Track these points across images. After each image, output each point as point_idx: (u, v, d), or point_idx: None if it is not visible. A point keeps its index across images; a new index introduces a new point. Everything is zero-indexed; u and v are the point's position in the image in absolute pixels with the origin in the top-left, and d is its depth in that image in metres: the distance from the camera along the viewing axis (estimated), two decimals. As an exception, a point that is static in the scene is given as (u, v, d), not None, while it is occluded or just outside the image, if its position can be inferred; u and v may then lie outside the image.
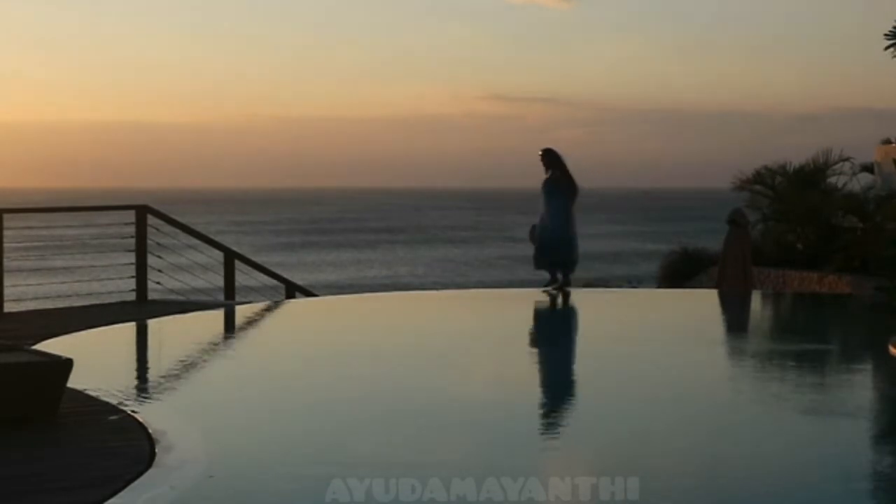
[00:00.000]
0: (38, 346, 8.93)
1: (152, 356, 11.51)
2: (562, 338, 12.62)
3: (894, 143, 20.26)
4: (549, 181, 15.43)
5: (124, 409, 7.64)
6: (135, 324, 12.52)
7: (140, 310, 13.67)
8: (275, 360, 10.49)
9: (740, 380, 9.69)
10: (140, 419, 7.31)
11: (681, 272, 21.63)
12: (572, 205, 15.49)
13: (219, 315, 13.70)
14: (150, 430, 6.98)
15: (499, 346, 11.38)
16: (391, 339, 11.92)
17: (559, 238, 15.30)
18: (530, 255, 15.79)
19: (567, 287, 15.33)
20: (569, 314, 14.59)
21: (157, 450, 6.54)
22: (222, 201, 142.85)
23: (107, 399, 7.93)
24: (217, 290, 15.67)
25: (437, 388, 8.96)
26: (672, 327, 13.01)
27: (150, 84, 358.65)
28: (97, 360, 10.07)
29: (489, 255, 65.51)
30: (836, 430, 7.57)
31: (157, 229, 15.04)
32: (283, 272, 17.72)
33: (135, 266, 14.72)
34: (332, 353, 10.84)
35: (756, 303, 16.06)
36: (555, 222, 15.31)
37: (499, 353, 10.87)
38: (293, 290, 16.43)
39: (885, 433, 7.64)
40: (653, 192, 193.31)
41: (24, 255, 15.29)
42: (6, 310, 13.50)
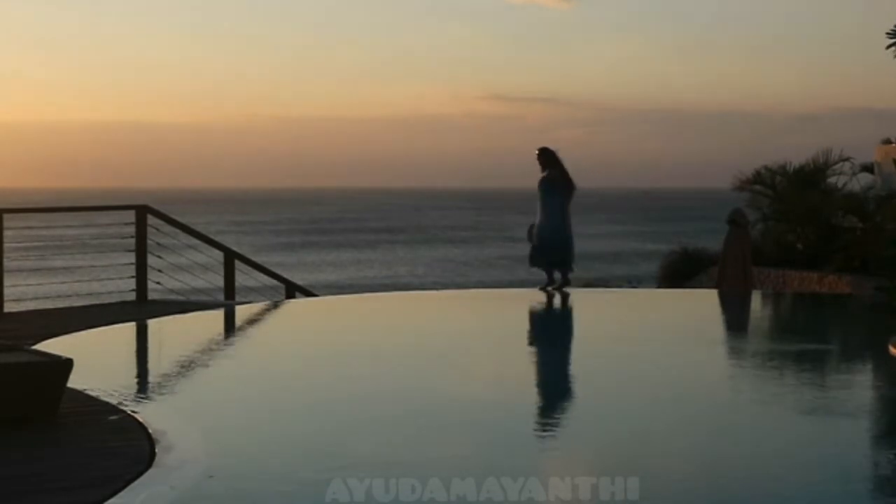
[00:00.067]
0: (38, 346, 8.93)
1: (152, 356, 11.51)
2: (562, 338, 12.61)
3: (894, 143, 20.26)
4: (545, 180, 15.44)
5: (124, 409, 7.64)
6: (135, 324, 12.53)
7: (140, 310, 13.67)
8: (275, 360, 10.49)
9: (740, 380, 9.68)
10: (140, 419, 7.31)
11: (681, 272, 21.62)
12: (569, 203, 15.50)
13: (219, 315, 13.70)
14: (150, 430, 6.98)
15: (499, 346, 11.38)
16: (391, 339, 11.92)
17: (557, 238, 15.30)
18: (528, 254, 15.79)
19: (566, 287, 15.33)
20: (569, 314, 14.60)
21: (157, 450, 6.55)
22: (222, 201, 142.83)
23: (107, 399, 7.93)
24: (217, 290, 15.67)
25: (437, 388, 8.96)
26: (672, 327, 13.01)
27: (150, 84, 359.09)
28: (97, 360, 10.07)
29: (489, 255, 65.48)
30: (836, 430, 7.57)
31: (157, 229, 15.05)
32: (283, 272, 17.72)
33: (135, 266, 14.73)
34: (332, 353, 10.84)
35: (756, 303, 16.06)
36: (552, 222, 15.31)
37: (499, 353, 10.87)
38: (293, 290, 16.44)
39: (885, 433, 7.64)
40: (653, 192, 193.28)
41: (24, 255, 15.29)
42: (6, 310, 13.50)
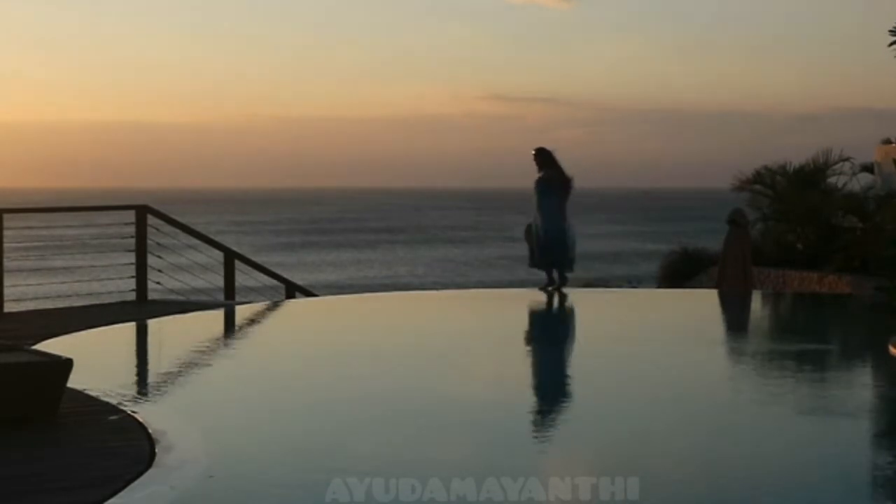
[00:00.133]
0: (38, 346, 8.93)
1: (152, 356, 11.51)
2: (562, 338, 12.61)
3: (894, 143, 20.27)
4: (541, 180, 15.45)
5: (124, 409, 7.64)
6: (135, 324, 12.53)
7: (140, 310, 13.67)
8: (275, 360, 10.49)
9: (740, 380, 9.68)
10: (140, 419, 7.31)
11: (681, 272, 21.62)
12: (566, 202, 15.49)
13: (219, 315, 13.70)
14: (150, 430, 6.98)
15: (498, 346, 11.38)
16: (391, 339, 11.92)
17: (553, 238, 15.30)
18: (528, 254, 15.79)
19: (563, 287, 15.32)
20: (569, 314, 14.60)
21: (157, 450, 6.55)
22: (222, 201, 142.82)
23: (107, 399, 7.93)
24: (217, 290, 15.67)
25: (437, 388, 8.96)
26: (672, 327, 13.01)
27: (150, 84, 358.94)
28: (97, 360, 10.07)
29: (489, 255, 65.47)
30: (836, 430, 7.57)
31: (157, 229, 15.04)
32: (283, 272, 17.72)
33: (135, 266, 14.73)
34: (332, 353, 10.84)
35: (756, 303, 16.06)
36: (549, 222, 15.32)
37: (499, 353, 10.87)
38: (293, 290, 16.44)
39: (885, 433, 7.64)
40: (653, 192, 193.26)
41: (24, 255, 15.29)
42: (6, 310, 13.50)
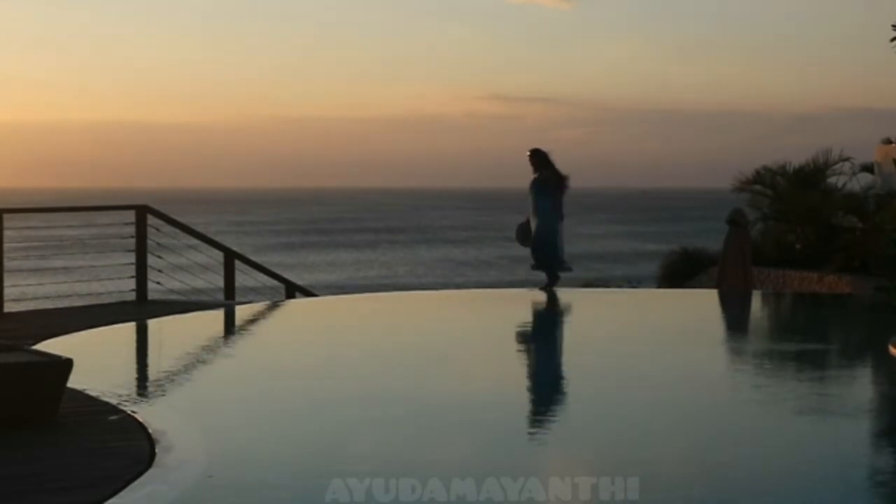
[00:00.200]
0: (38, 346, 8.92)
1: (152, 356, 11.50)
2: (561, 338, 12.62)
3: (894, 143, 20.26)
4: (537, 181, 15.48)
5: (124, 409, 7.64)
6: (135, 324, 12.52)
7: (140, 310, 13.67)
8: (275, 360, 10.49)
9: (740, 380, 9.68)
10: (140, 419, 7.31)
11: (681, 272, 21.62)
12: (562, 201, 15.50)
13: (219, 315, 13.70)
14: (150, 430, 6.98)
15: (498, 346, 11.38)
16: (391, 339, 11.92)
17: (544, 239, 15.32)
18: (529, 254, 15.79)
19: (551, 287, 15.29)
20: (568, 314, 14.60)
21: (157, 450, 6.54)
22: (222, 201, 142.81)
23: (107, 399, 7.93)
24: (217, 290, 15.66)
25: (437, 388, 8.96)
26: (672, 327, 13.01)
27: (150, 84, 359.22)
28: (97, 360, 10.07)
29: (488, 256, 65.47)
30: (836, 430, 7.56)
31: (157, 229, 15.04)
32: (283, 272, 17.72)
33: (135, 266, 14.73)
34: (332, 354, 10.84)
35: (756, 303, 16.06)
36: (543, 223, 15.33)
37: (498, 353, 10.87)
38: (293, 290, 16.43)
39: (885, 433, 7.64)
40: (653, 192, 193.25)
41: (24, 255, 15.29)
42: (6, 310, 13.50)
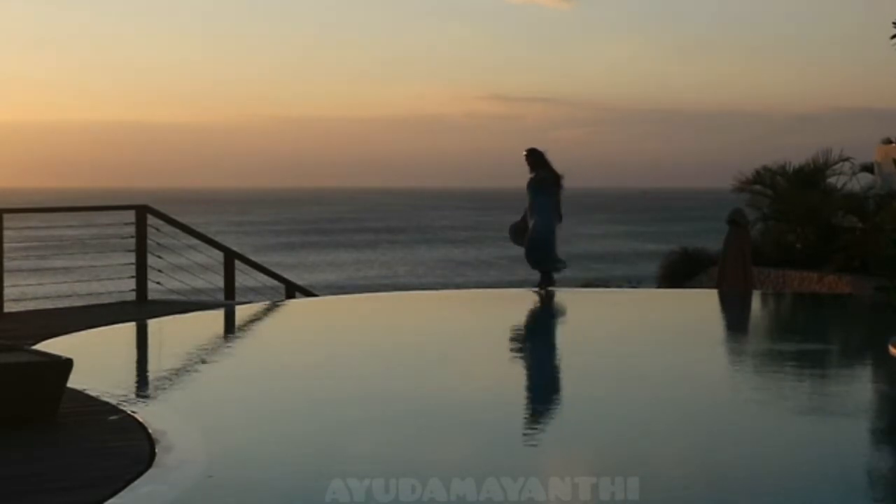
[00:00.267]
0: (38, 346, 8.92)
1: (152, 356, 11.50)
2: (561, 338, 12.61)
3: (894, 143, 20.27)
4: (534, 181, 15.50)
5: (124, 409, 7.64)
6: (135, 324, 12.52)
7: (140, 310, 13.67)
8: (275, 360, 10.49)
9: (740, 380, 9.68)
10: (140, 419, 7.31)
11: (681, 272, 21.63)
12: (558, 202, 15.51)
13: (219, 315, 13.70)
14: (150, 430, 6.98)
15: (498, 345, 11.38)
16: (391, 339, 11.92)
17: (539, 239, 15.32)
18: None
19: (547, 287, 15.30)
20: (568, 314, 14.59)
21: (157, 450, 6.54)
22: (222, 201, 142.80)
23: (107, 399, 7.93)
24: (217, 290, 15.67)
25: (437, 388, 8.96)
26: (672, 327, 13.00)
27: (150, 84, 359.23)
28: (97, 360, 10.07)
29: (488, 256, 65.46)
30: (836, 430, 7.56)
31: (157, 229, 15.04)
32: (283, 272, 17.72)
33: (135, 266, 14.73)
34: (332, 353, 10.84)
35: (756, 303, 16.06)
36: (539, 223, 15.34)
37: (498, 353, 10.87)
38: (293, 290, 16.44)
39: (885, 433, 7.64)
40: (652, 192, 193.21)
41: (24, 255, 15.29)
42: (6, 310, 13.50)
